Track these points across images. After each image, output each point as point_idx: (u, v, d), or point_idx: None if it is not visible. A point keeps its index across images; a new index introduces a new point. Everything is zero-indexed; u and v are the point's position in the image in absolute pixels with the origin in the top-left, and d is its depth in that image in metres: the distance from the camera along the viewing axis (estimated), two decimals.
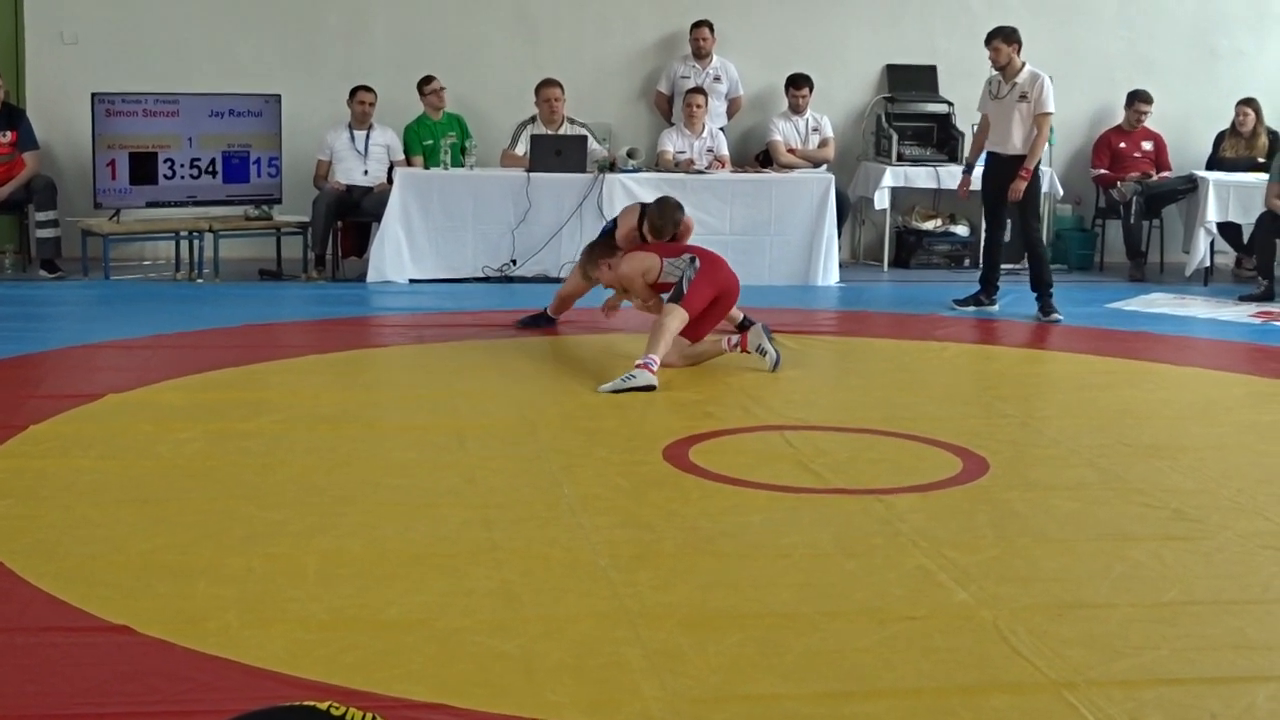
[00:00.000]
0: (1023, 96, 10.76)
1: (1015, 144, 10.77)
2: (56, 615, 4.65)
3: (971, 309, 11.11)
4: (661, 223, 8.94)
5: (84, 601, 4.73)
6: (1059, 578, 5.20)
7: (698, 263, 8.71)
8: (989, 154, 11.03)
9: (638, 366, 8.15)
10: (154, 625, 4.53)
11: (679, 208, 9.09)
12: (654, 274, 8.80)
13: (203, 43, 12.93)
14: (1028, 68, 10.86)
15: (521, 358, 9.04)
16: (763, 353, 8.60)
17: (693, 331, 8.71)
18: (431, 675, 4.25)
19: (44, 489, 6.04)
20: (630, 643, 4.50)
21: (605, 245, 9.18)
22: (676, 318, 8.45)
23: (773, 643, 4.56)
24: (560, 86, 12.45)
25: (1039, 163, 11.02)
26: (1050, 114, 10.88)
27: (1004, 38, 10.86)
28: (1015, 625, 4.68)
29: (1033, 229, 11.12)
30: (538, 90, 12.46)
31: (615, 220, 9.51)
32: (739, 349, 8.68)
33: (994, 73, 11.01)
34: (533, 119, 12.52)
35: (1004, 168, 10.83)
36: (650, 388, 8.02)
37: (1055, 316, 10.71)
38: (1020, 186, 10.73)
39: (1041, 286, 10.86)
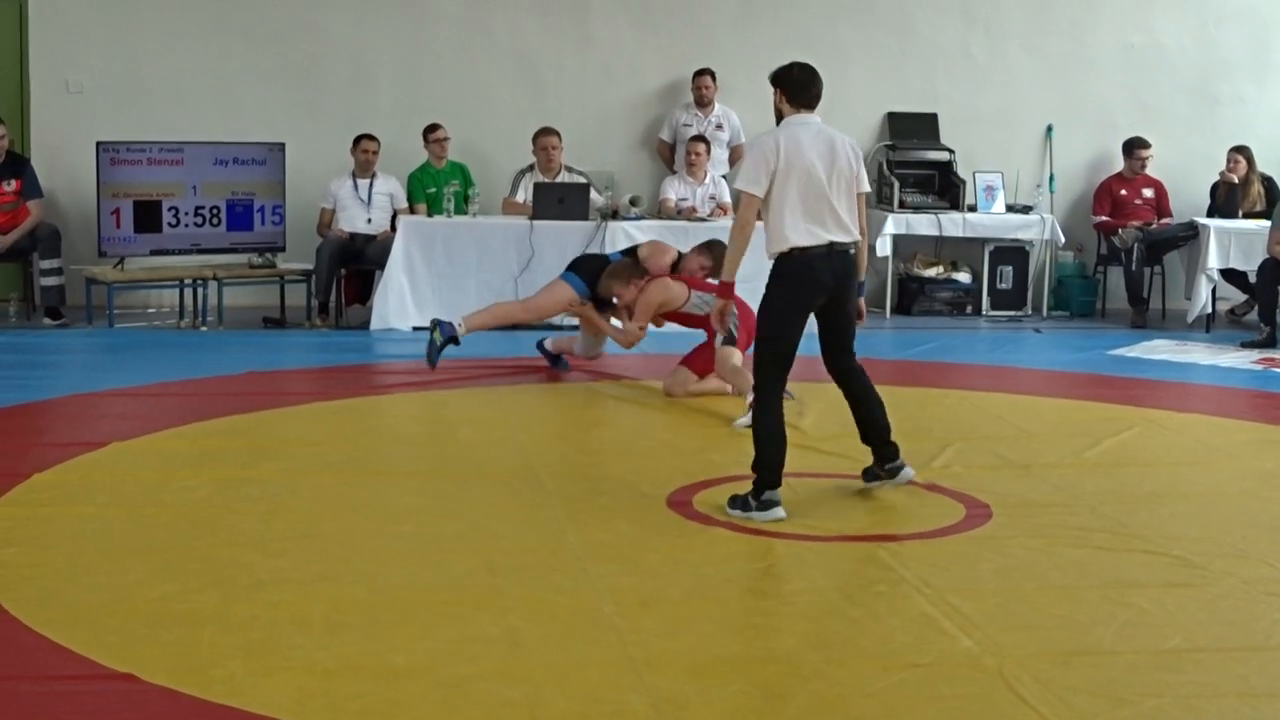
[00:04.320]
0: None
1: None
2: (61, 663, 4.66)
3: None
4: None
5: (89, 649, 4.73)
6: (1063, 625, 5.20)
7: (736, 309, 8.92)
8: None
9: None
10: (159, 673, 4.54)
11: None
12: (677, 304, 9.21)
13: (207, 91, 12.99)
14: None
15: (525, 404, 9.06)
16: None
17: (702, 365, 8.94)
18: None
19: (49, 537, 6.04)
20: (635, 690, 4.51)
21: (637, 265, 9.51)
22: (737, 355, 8.83)
23: (777, 689, 4.56)
24: (558, 135, 12.51)
25: None
26: None
27: None
28: (1020, 672, 4.68)
29: None
30: (535, 138, 12.53)
31: (632, 249, 9.83)
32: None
33: None
34: (531, 167, 12.58)
35: None
36: None
37: None
38: None
39: None
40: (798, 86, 6.74)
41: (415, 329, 11.64)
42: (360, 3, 13.25)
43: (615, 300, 9.59)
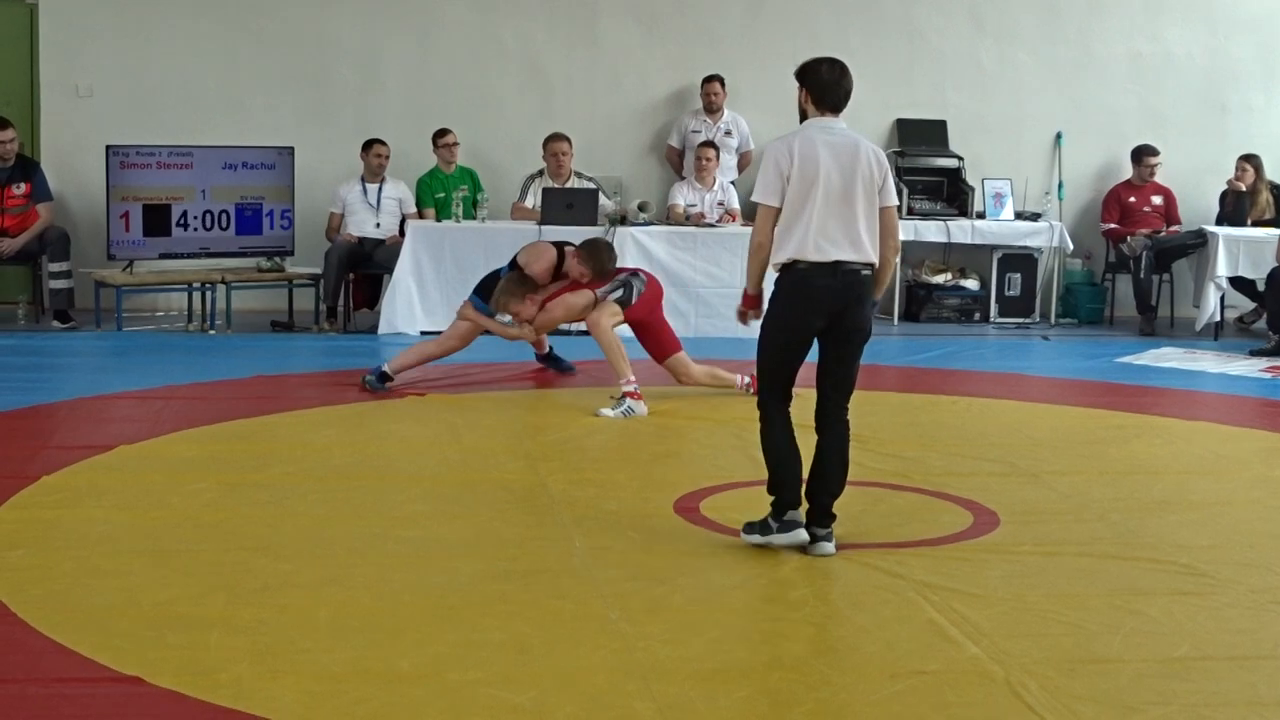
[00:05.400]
0: None
1: None
2: (69, 666, 4.66)
3: None
4: (602, 263, 9.39)
5: (96, 652, 4.73)
6: (1070, 633, 5.19)
7: (642, 276, 9.44)
8: None
9: (629, 396, 8.81)
10: (166, 676, 4.54)
11: (609, 245, 9.69)
12: (584, 315, 9.34)
13: (216, 95, 13.01)
14: None
15: (530, 410, 9.07)
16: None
17: (670, 340, 9.42)
18: None
19: (56, 539, 6.05)
20: (641, 696, 4.50)
21: (528, 280, 9.44)
22: (612, 316, 9.17)
23: (784, 696, 4.55)
24: (568, 140, 12.52)
25: None
26: None
27: None
28: (1027, 680, 4.67)
29: None
30: (545, 144, 12.54)
31: (515, 261, 9.69)
32: (749, 390, 8.92)
33: None
34: (540, 172, 12.59)
35: None
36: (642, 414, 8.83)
37: None
38: None
39: None
40: (824, 87, 6.10)
41: (423, 333, 11.64)
42: (369, 8, 13.27)
43: (513, 318, 9.48)
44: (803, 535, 6.03)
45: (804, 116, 6.20)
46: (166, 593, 5.37)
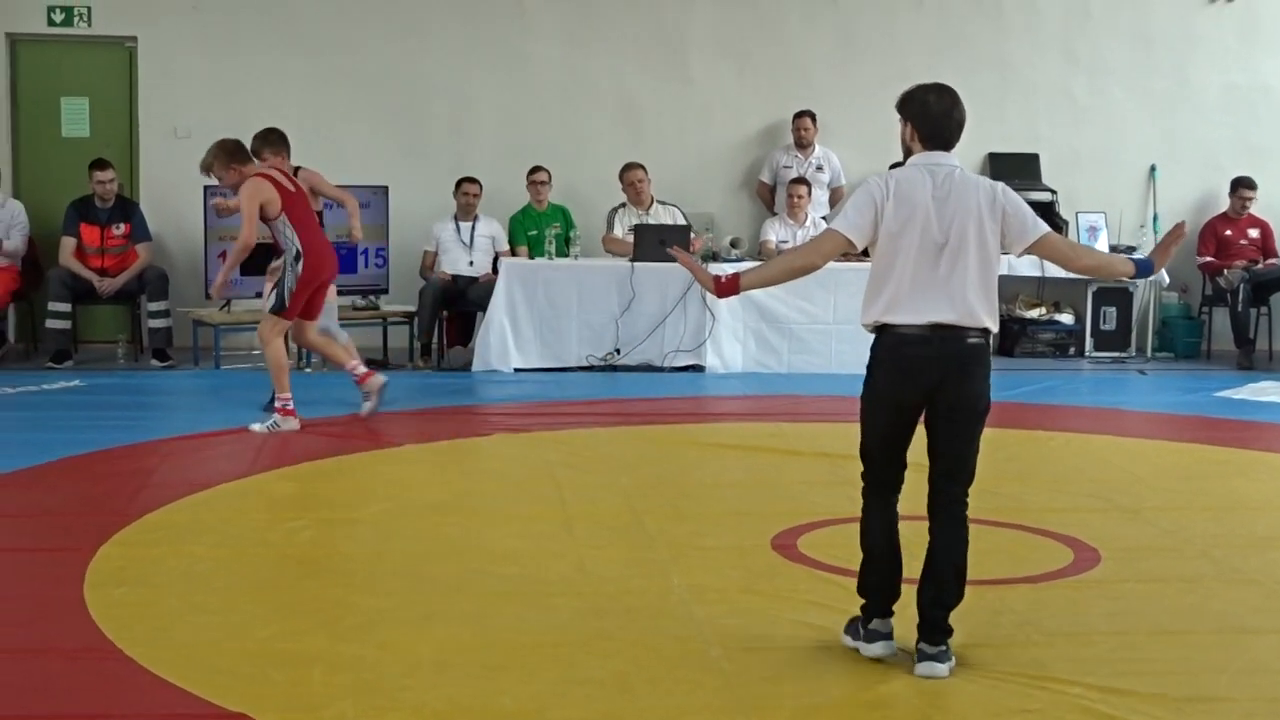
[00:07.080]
0: None
1: None
2: (176, 702, 4.70)
3: None
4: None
5: (202, 689, 4.77)
6: (1177, 671, 5.12)
7: (300, 266, 9.29)
8: None
9: (280, 412, 9.21)
10: (272, 713, 4.57)
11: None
12: (273, 210, 9.28)
13: (311, 135, 13.09)
14: None
15: (623, 447, 9.06)
16: (365, 397, 9.60)
17: (308, 312, 9.53)
18: None
19: (159, 576, 6.11)
20: None
21: (239, 151, 9.52)
22: (276, 329, 9.38)
23: None
24: (643, 168, 12.60)
25: None
26: None
27: None
28: (1134, 719, 4.61)
29: None
30: (621, 174, 12.64)
31: None
32: (359, 381, 9.67)
33: None
34: (623, 204, 12.66)
35: None
36: (295, 430, 9.16)
37: None
38: None
39: None
40: (933, 120, 5.27)
41: (517, 370, 11.69)
42: (462, 48, 13.39)
43: (218, 179, 9.63)
44: (879, 650, 5.18)
45: (908, 154, 5.29)
46: (269, 629, 5.42)
